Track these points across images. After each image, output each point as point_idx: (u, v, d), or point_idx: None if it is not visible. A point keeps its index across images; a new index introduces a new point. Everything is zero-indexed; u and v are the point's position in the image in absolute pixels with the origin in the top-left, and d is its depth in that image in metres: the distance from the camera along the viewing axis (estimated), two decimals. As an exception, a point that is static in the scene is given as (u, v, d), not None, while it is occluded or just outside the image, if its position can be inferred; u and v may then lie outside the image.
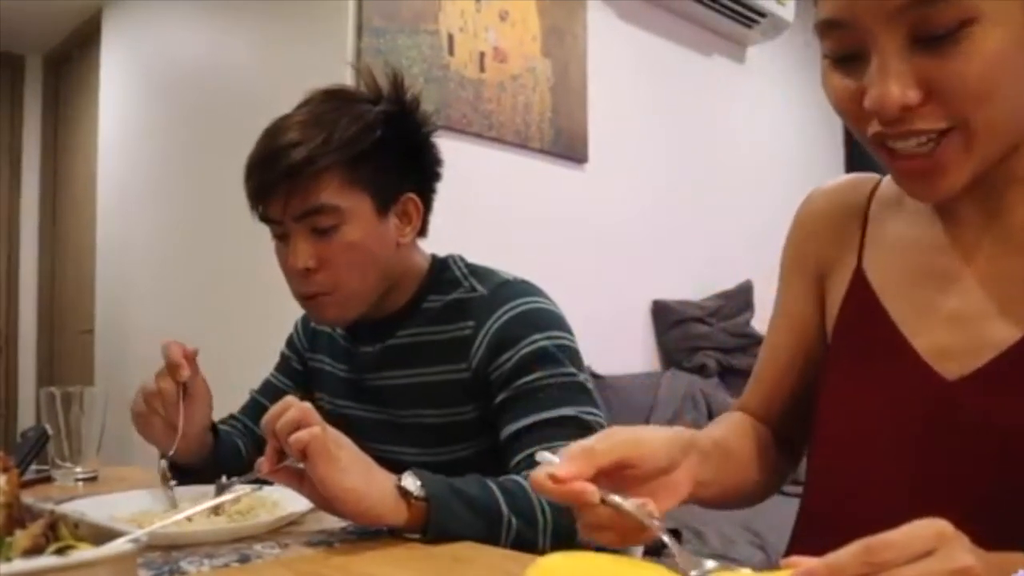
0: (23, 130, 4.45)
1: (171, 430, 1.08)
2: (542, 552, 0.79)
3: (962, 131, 0.61)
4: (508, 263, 1.19)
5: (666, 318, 3.35)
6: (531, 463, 0.92)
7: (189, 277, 3.13)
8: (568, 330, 1.11)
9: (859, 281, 0.79)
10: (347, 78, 2.35)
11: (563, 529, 0.88)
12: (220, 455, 1.18)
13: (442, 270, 1.17)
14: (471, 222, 2.66)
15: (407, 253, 1.15)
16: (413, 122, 1.13)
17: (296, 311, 1.37)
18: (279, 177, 1.04)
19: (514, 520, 0.86)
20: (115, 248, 3.66)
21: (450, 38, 2.61)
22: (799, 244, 0.88)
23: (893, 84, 0.60)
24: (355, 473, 0.80)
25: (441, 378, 1.11)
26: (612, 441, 0.62)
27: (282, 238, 1.10)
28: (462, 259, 1.20)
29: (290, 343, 1.38)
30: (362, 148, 1.05)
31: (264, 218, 1.10)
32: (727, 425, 0.87)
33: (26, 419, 4.17)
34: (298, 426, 0.79)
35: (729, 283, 3.46)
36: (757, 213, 3.65)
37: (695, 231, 3.51)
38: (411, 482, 0.82)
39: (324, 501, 0.81)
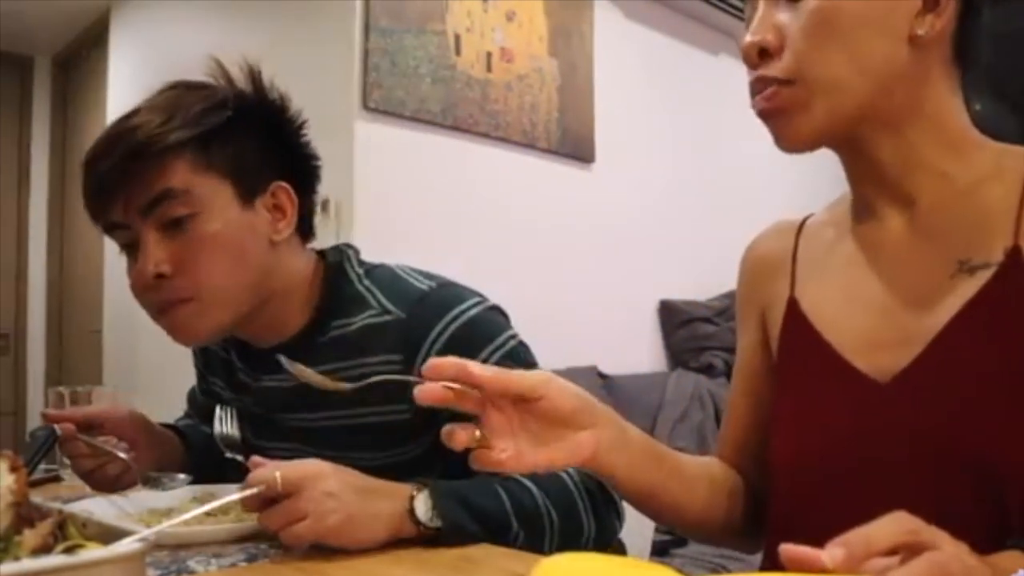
0: (32, 131, 4.46)
1: (117, 468, 1.04)
2: (546, 554, 0.79)
3: (801, 84, 0.71)
4: (512, 263, 1.18)
5: (673, 318, 3.35)
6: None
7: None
8: (504, 324, 1.00)
9: (792, 309, 0.83)
10: (354, 77, 2.36)
11: (569, 536, 0.88)
12: (195, 451, 1.15)
13: (337, 280, 1.02)
14: (476, 222, 2.66)
15: (287, 255, 1.00)
16: (272, 106, 1.02)
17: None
18: (117, 164, 0.91)
19: (522, 534, 0.85)
20: (123, 248, 3.66)
21: (457, 38, 2.61)
22: (744, 292, 0.94)
23: (753, 28, 0.73)
24: (361, 519, 0.77)
25: (377, 419, 0.98)
26: (532, 374, 0.68)
27: (131, 248, 0.95)
28: (355, 256, 1.05)
29: (193, 353, 1.20)
30: (212, 127, 0.94)
31: (108, 225, 0.96)
32: (697, 457, 0.89)
33: (35, 419, 4.18)
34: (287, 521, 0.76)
35: (736, 283, 3.46)
36: (764, 212, 3.62)
37: (702, 231, 3.50)
38: (424, 511, 0.80)
39: None
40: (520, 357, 0.98)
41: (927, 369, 0.69)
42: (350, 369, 0.96)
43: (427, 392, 0.64)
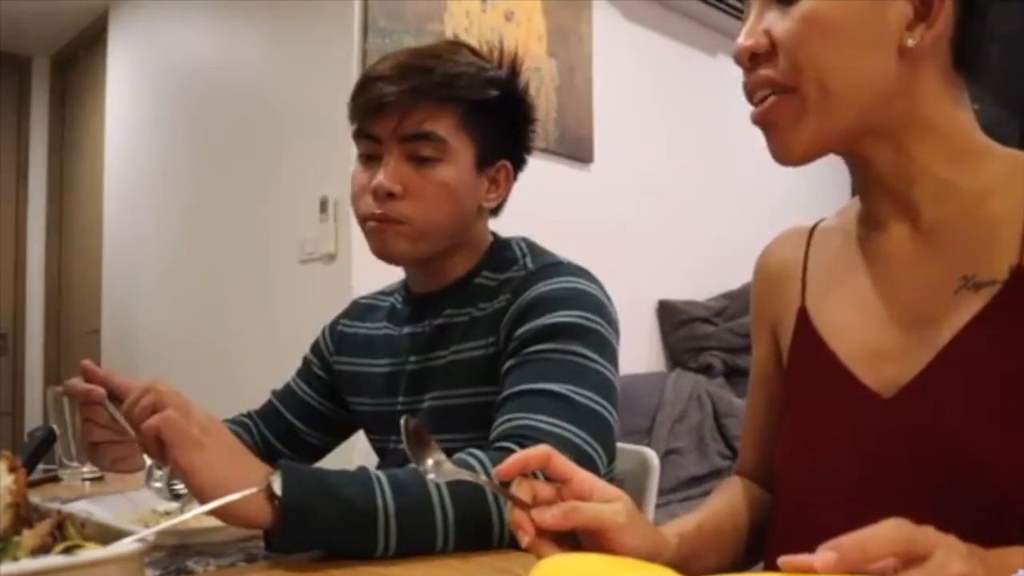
0: (30, 131, 4.46)
1: (125, 449, 1.02)
2: (443, 551, 0.78)
3: (796, 94, 0.70)
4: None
5: (672, 318, 3.35)
6: (507, 433, 0.89)
7: (196, 277, 3.14)
8: (607, 319, 1.02)
9: (802, 319, 0.82)
10: (352, 77, 2.35)
11: (471, 528, 0.79)
12: None
13: (502, 249, 1.15)
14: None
15: (481, 221, 1.16)
16: (523, 101, 1.15)
17: (318, 316, 1.37)
18: (405, 93, 1.03)
19: (394, 527, 0.76)
20: (122, 248, 3.67)
21: (455, 39, 2.61)
22: (757, 300, 0.94)
23: (745, 33, 0.72)
24: (221, 463, 0.72)
25: (469, 355, 1.06)
26: (610, 511, 0.63)
27: (370, 159, 1.08)
28: (525, 240, 1.18)
29: (315, 348, 1.32)
30: (482, 99, 1.07)
31: (362, 133, 1.08)
32: (719, 500, 0.88)
33: (33, 419, 4.18)
34: (154, 411, 0.73)
35: (735, 283, 3.46)
36: (762, 213, 3.64)
37: (700, 231, 3.50)
38: (277, 481, 0.73)
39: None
40: (577, 332, 0.98)
41: (928, 385, 0.69)
42: (479, 311, 1.08)
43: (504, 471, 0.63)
